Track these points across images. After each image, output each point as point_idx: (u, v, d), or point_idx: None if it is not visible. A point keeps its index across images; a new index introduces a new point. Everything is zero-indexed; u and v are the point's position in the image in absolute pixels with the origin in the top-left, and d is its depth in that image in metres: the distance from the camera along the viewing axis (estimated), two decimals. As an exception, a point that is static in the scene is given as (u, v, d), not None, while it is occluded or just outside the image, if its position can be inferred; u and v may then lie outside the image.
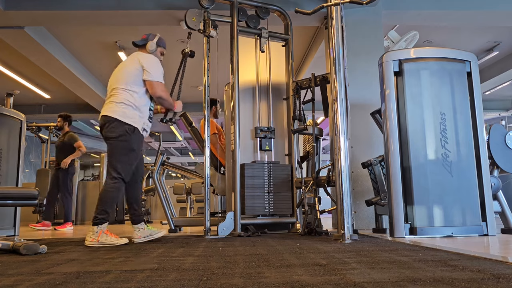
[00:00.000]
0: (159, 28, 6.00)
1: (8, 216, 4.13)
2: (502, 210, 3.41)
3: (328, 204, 4.40)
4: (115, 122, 2.95)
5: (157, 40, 3.31)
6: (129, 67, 3.10)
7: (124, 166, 2.96)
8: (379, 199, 3.67)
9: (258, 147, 4.04)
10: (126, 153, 2.97)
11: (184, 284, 1.28)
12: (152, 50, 3.23)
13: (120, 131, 2.95)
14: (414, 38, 5.41)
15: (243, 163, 3.83)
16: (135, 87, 3.05)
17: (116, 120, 2.96)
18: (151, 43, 3.25)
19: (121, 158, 2.96)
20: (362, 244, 2.56)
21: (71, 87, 8.08)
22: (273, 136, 4.08)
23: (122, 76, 3.07)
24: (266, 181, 3.90)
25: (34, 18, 4.99)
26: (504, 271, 1.41)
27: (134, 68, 3.07)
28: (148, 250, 2.42)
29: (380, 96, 3.37)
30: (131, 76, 3.06)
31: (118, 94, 3.02)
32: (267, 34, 4.22)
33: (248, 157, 4.00)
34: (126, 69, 3.11)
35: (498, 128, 3.52)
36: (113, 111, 2.98)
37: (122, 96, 3.01)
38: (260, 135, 4.02)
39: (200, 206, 7.69)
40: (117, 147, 2.96)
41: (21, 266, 1.82)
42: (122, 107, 2.98)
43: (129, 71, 3.08)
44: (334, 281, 1.28)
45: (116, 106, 2.99)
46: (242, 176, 3.80)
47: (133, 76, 3.06)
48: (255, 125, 4.10)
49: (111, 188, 2.92)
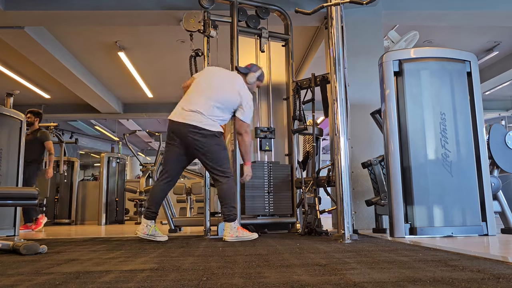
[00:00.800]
0: (159, 28, 6.00)
1: (8, 216, 4.13)
2: (502, 210, 3.41)
3: (328, 204, 4.40)
4: (204, 131, 3.07)
5: (259, 74, 3.44)
6: (230, 92, 3.20)
7: (226, 163, 3.17)
8: (379, 199, 3.67)
9: (258, 147, 4.04)
10: (223, 152, 3.16)
11: (184, 284, 1.28)
12: (251, 82, 3.39)
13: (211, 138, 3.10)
14: (414, 38, 5.41)
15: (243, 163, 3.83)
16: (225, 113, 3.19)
17: (203, 129, 3.08)
18: (252, 75, 3.40)
19: (222, 158, 3.14)
20: (362, 244, 2.56)
21: (71, 87, 8.08)
22: (273, 136, 4.08)
23: (218, 94, 3.16)
24: (266, 181, 3.90)
25: (34, 18, 4.99)
26: (504, 271, 1.41)
27: (233, 97, 3.19)
28: (148, 250, 2.42)
29: (380, 96, 3.37)
30: (227, 102, 3.18)
31: (210, 108, 3.12)
32: (267, 34, 4.22)
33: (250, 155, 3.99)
34: (227, 92, 3.20)
35: (498, 128, 3.52)
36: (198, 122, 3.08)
37: (213, 112, 3.12)
38: (260, 135, 4.02)
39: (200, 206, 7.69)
40: (214, 150, 3.11)
41: (21, 266, 1.82)
42: (209, 121, 3.11)
43: (228, 98, 3.19)
44: (334, 281, 1.28)
45: (204, 119, 3.09)
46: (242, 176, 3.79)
47: (230, 103, 3.19)
48: (255, 125, 4.10)
49: (227, 186, 3.11)
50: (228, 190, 3.12)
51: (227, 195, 3.12)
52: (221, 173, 3.13)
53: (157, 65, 7.73)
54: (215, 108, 3.13)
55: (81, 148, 15.03)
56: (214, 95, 3.15)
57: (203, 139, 3.07)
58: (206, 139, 3.07)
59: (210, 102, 3.12)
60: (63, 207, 8.22)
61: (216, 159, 3.12)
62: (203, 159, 3.12)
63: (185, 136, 3.08)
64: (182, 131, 3.08)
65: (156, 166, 4.54)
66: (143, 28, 6.06)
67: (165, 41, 6.58)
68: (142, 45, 6.75)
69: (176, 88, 9.14)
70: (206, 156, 3.10)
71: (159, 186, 3.16)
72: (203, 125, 3.07)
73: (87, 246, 2.88)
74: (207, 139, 3.08)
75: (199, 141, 3.07)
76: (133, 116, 10.70)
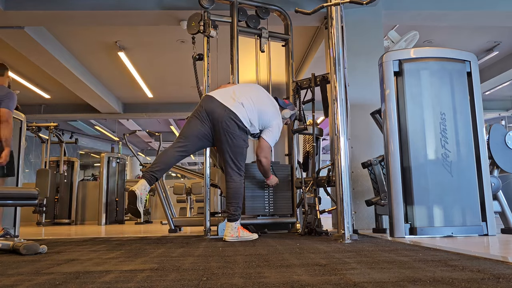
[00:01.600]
0: (159, 28, 6.00)
1: (8, 216, 4.13)
2: (502, 210, 3.41)
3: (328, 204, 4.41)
4: (239, 122, 3.07)
5: (293, 113, 3.52)
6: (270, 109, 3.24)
7: (244, 162, 3.17)
8: (379, 199, 3.67)
9: (258, 147, 4.04)
10: (245, 150, 3.16)
11: (184, 284, 1.28)
12: (285, 118, 3.45)
13: (242, 131, 3.10)
14: (414, 38, 5.41)
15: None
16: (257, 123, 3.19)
17: (240, 120, 3.08)
18: (287, 112, 3.45)
19: (243, 155, 3.14)
20: (362, 244, 2.56)
21: (71, 87, 8.08)
22: None
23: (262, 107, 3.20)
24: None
25: (34, 18, 4.99)
26: (504, 271, 1.41)
27: (270, 116, 3.22)
28: (148, 250, 2.42)
29: (380, 96, 3.37)
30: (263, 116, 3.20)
31: (250, 107, 3.14)
32: (267, 34, 4.22)
33: (248, 157, 3.99)
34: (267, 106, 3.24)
35: (498, 128, 3.52)
36: (239, 112, 3.08)
37: (251, 112, 3.14)
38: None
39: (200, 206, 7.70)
40: (239, 145, 3.10)
41: (21, 266, 1.82)
42: (246, 116, 3.12)
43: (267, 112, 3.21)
44: (334, 281, 1.28)
45: (244, 111, 3.11)
46: (242, 176, 3.79)
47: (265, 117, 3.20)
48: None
49: (238, 185, 3.11)
50: (239, 189, 3.12)
51: (236, 194, 3.11)
52: (238, 169, 3.12)
53: (157, 65, 7.73)
54: (254, 112, 3.15)
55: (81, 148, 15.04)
56: (256, 102, 3.18)
57: (236, 130, 3.05)
58: (239, 131, 3.07)
59: (252, 104, 3.15)
60: (63, 207, 8.22)
61: (238, 154, 3.10)
62: (226, 149, 3.08)
63: (221, 118, 3.04)
64: (220, 113, 3.05)
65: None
66: (143, 28, 6.06)
67: (165, 41, 6.58)
68: (142, 45, 6.75)
69: (176, 88, 9.15)
70: (231, 148, 3.07)
71: (171, 154, 3.04)
72: (241, 117, 3.07)
73: (87, 246, 2.88)
74: (239, 131, 3.07)
75: (232, 130, 3.05)
76: (133, 116, 10.70)
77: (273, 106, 3.31)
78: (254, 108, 3.16)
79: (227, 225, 3.09)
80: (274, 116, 3.25)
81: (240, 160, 3.13)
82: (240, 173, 3.14)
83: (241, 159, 3.14)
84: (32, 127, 7.63)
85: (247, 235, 3.10)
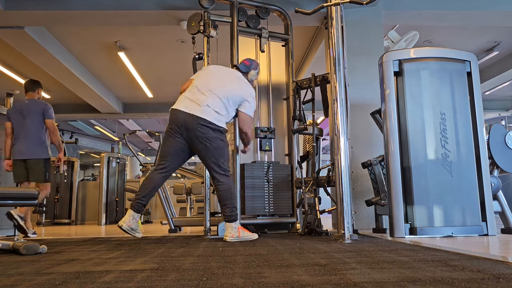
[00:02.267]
0: (159, 28, 6.00)
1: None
2: (502, 210, 3.41)
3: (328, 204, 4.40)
4: (211, 125, 3.05)
5: (258, 71, 3.47)
6: (235, 87, 3.19)
7: (227, 162, 3.15)
8: (379, 199, 3.67)
9: (258, 147, 4.04)
10: (226, 150, 3.15)
11: (184, 284, 1.28)
12: (253, 79, 3.40)
13: (217, 133, 3.07)
14: (414, 38, 5.41)
15: (243, 163, 3.83)
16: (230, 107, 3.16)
17: (211, 123, 3.05)
18: (253, 72, 3.41)
19: (225, 156, 3.12)
20: (362, 244, 2.56)
21: (71, 87, 8.08)
22: (273, 136, 4.08)
23: (227, 90, 3.15)
24: (266, 181, 3.90)
25: (34, 18, 4.99)
26: (504, 271, 1.41)
27: (238, 94, 3.17)
28: (148, 250, 2.42)
29: (380, 96, 3.37)
30: (235, 98, 3.16)
31: (216, 102, 3.10)
32: (267, 34, 4.22)
33: (248, 157, 4.00)
34: (232, 87, 3.18)
35: (498, 128, 3.52)
36: (207, 115, 3.05)
37: (219, 106, 3.10)
38: (260, 135, 4.02)
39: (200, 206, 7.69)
40: (219, 146, 3.08)
41: (21, 266, 1.82)
42: (216, 115, 3.08)
43: (233, 92, 3.16)
44: (334, 281, 1.28)
45: (211, 112, 3.07)
46: (242, 176, 3.80)
47: (236, 100, 3.17)
48: (255, 125, 4.10)
49: (227, 187, 3.10)
50: (229, 190, 3.11)
51: (228, 195, 3.10)
52: (222, 171, 3.10)
53: (157, 65, 7.73)
54: (221, 103, 3.10)
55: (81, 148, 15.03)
56: (220, 90, 3.13)
57: (211, 133, 3.03)
58: (214, 133, 3.05)
59: (216, 97, 3.10)
60: (63, 207, 8.22)
61: (219, 156, 3.08)
62: (207, 154, 3.07)
63: (193, 128, 3.02)
64: (190, 123, 3.03)
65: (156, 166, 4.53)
66: (143, 28, 6.05)
67: (165, 41, 6.58)
68: (142, 45, 6.75)
69: (176, 88, 9.12)
70: (211, 152, 3.06)
71: (154, 177, 3.08)
72: (211, 119, 3.04)
73: (87, 246, 2.88)
74: (214, 134, 3.05)
75: (207, 135, 3.03)
76: (133, 116, 10.70)
77: (238, 79, 3.25)
78: (220, 99, 3.10)
79: (227, 225, 3.08)
80: (243, 89, 3.20)
81: (224, 162, 3.12)
82: (227, 173, 3.12)
83: (224, 160, 3.12)
84: (32, 127, 7.60)
85: (247, 235, 3.10)
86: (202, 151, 3.08)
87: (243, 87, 3.23)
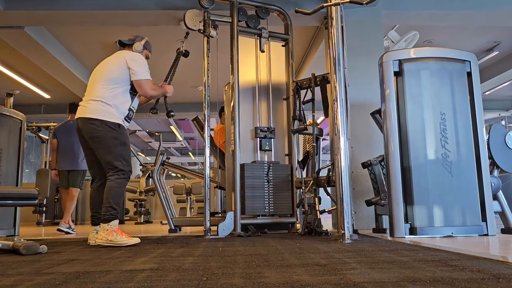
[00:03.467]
0: (159, 28, 6.00)
1: (8, 216, 4.12)
2: (502, 210, 3.41)
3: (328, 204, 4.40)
4: (97, 121, 2.90)
5: (144, 42, 3.29)
6: (111, 64, 3.05)
7: (122, 161, 2.94)
8: (379, 199, 3.67)
9: (258, 147, 4.04)
10: (119, 147, 2.94)
11: (184, 284, 1.28)
12: (139, 51, 3.21)
13: (105, 129, 2.90)
14: (414, 38, 5.41)
15: (243, 163, 3.83)
16: (114, 85, 2.98)
17: (97, 120, 2.90)
18: (138, 44, 3.23)
19: (116, 154, 2.93)
20: (362, 244, 2.56)
21: (71, 87, 8.08)
22: (273, 136, 4.08)
23: (102, 73, 3.02)
24: (266, 181, 3.90)
25: (34, 18, 4.99)
26: (504, 271, 1.41)
27: (117, 66, 3.01)
28: (148, 250, 2.42)
29: (380, 96, 3.37)
30: (112, 73, 3.00)
31: (97, 92, 2.97)
32: (267, 34, 4.22)
33: (248, 157, 4.00)
34: (108, 66, 3.05)
35: (498, 128, 3.52)
36: (91, 111, 2.92)
37: (100, 94, 2.94)
38: (260, 135, 4.02)
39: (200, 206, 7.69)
40: (109, 144, 2.91)
41: (21, 266, 1.82)
42: (100, 105, 2.92)
43: (110, 68, 3.02)
44: (334, 281, 1.28)
45: (94, 105, 2.93)
46: (242, 176, 3.80)
47: (115, 73, 3.00)
48: (255, 125, 4.10)
49: (115, 184, 2.89)
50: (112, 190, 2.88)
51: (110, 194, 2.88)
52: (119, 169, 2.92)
53: (157, 65, 7.73)
54: (103, 87, 2.95)
55: (81, 148, 15.00)
56: (99, 76, 3.01)
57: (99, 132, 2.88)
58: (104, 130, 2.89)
59: (97, 85, 2.97)
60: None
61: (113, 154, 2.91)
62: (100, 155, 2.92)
63: (84, 131, 2.93)
64: (81, 127, 2.95)
65: (156, 166, 4.53)
66: (143, 28, 6.05)
67: (165, 41, 6.58)
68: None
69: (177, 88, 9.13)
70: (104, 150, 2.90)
71: (93, 192, 3.06)
72: (96, 116, 2.89)
73: (87, 246, 2.88)
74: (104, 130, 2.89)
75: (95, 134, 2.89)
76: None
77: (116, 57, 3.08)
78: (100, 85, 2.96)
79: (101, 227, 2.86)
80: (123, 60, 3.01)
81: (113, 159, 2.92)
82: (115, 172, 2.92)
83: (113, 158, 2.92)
84: (32, 127, 7.62)
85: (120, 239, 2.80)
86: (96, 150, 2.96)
87: (124, 56, 3.04)
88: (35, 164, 14.18)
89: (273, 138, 4.09)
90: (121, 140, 2.95)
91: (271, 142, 4.08)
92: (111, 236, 2.78)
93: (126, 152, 2.99)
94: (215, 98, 7.58)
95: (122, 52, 3.14)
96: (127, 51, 3.16)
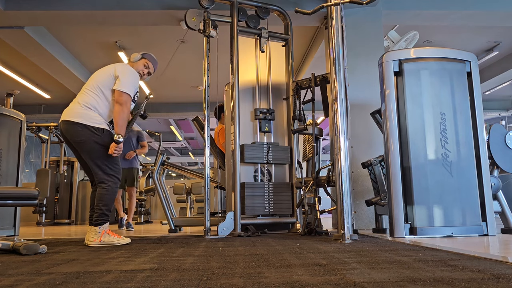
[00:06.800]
0: (159, 28, 6.00)
1: (8, 216, 4.12)
2: (502, 210, 3.41)
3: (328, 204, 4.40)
4: (80, 125, 2.88)
5: (144, 53, 3.28)
6: (104, 72, 3.04)
7: (107, 167, 2.93)
8: (379, 199, 3.67)
9: (258, 129, 4.06)
10: (102, 152, 2.91)
11: (184, 284, 1.28)
12: (135, 59, 3.20)
13: (87, 133, 2.87)
14: (414, 38, 5.41)
15: (243, 144, 3.84)
16: (103, 92, 2.97)
17: (79, 124, 2.88)
18: (135, 54, 3.24)
19: (101, 160, 2.91)
20: (362, 244, 2.56)
21: (71, 87, 8.08)
22: (272, 118, 4.12)
23: (94, 79, 3.02)
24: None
25: (34, 18, 4.99)
26: (504, 271, 1.41)
27: (107, 74, 3.01)
28: (148, 250, 2.42)
29: (380, 96, 3.37)
30: (102, 81, 2.99)
31: (84, 96, 2.96)
32: (267, 34, 4.22)
33: (247, 138, 3.99)
34: (101, 73, 3.05)
35: (498, 128, 3.52)
36: (75, 115, 2.90)
37: (87, 99, 2.94)
38: (259, 117, 4.05)
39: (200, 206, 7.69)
40: (92, 149, 2.89)
41: (21, 266, 1.82)
42: (85, 109, 2.91)
43: (101, 76, 3.02)
44: (334, 281, 1.28)
45: (79, 109, 2.92)
46: (242, 158, 3.80)
47: (105, 81, 2.99)
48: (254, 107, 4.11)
49: (103, 191, 2.90)
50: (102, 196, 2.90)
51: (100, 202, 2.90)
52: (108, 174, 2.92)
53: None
54: (89, 93, 2.94)
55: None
56: (91, 82, 3.00)
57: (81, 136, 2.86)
58: (86, 134, 2.86)
59: (87, 90, 2.97)
60: (63, 207, 8.22)
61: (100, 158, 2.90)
62: (87, 159, 2.91)
63: (68, 134, 2.91)
64: (65, 130, 2.92)
65: (156, 166, 4.53)
66: (143, 28, 6.06)
67: (165, 41, 6.58)
68: (142, 45, 6.75)
69: (176, 88, 9.15)
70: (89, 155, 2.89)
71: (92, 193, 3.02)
72: (79, 120, 2.87)
73: (87, 246, 2.88)
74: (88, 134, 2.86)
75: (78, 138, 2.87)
76: (133, 116, 10.68)
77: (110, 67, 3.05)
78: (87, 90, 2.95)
79: (91, 229, 2.89)
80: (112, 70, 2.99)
81: (101, 164, 2.90)
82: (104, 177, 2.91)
83: (101, 163, 2.90)
84: (32, 127, 7.62)
85: (113, 239, 2.89)
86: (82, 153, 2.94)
87: (115, 68, 3.02)
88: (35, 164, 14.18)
89: (273, 120, 4.12)
90: (104, 145, 2.92)
91: (271, 123, 4.11)
92: (104, 238, 2.87)
93: (110, 156, 2.94)
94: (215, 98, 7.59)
95: (119, 63, 3.15)
96: (122, 63, 3.18)
